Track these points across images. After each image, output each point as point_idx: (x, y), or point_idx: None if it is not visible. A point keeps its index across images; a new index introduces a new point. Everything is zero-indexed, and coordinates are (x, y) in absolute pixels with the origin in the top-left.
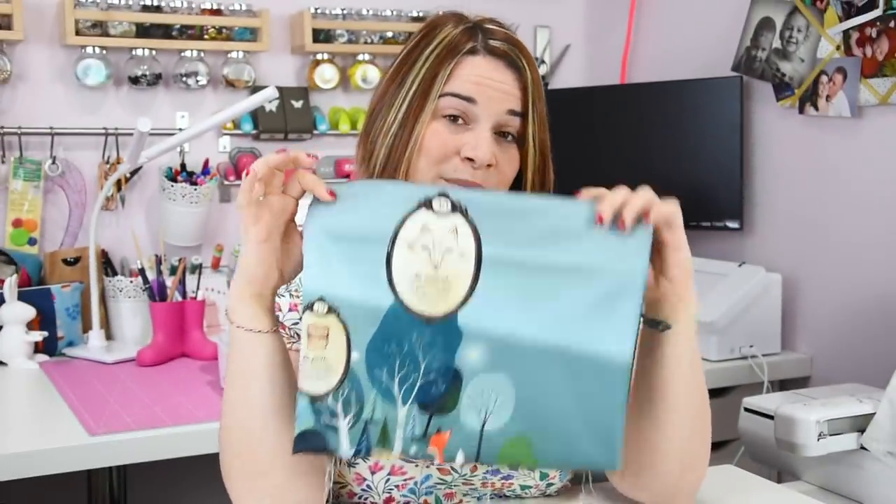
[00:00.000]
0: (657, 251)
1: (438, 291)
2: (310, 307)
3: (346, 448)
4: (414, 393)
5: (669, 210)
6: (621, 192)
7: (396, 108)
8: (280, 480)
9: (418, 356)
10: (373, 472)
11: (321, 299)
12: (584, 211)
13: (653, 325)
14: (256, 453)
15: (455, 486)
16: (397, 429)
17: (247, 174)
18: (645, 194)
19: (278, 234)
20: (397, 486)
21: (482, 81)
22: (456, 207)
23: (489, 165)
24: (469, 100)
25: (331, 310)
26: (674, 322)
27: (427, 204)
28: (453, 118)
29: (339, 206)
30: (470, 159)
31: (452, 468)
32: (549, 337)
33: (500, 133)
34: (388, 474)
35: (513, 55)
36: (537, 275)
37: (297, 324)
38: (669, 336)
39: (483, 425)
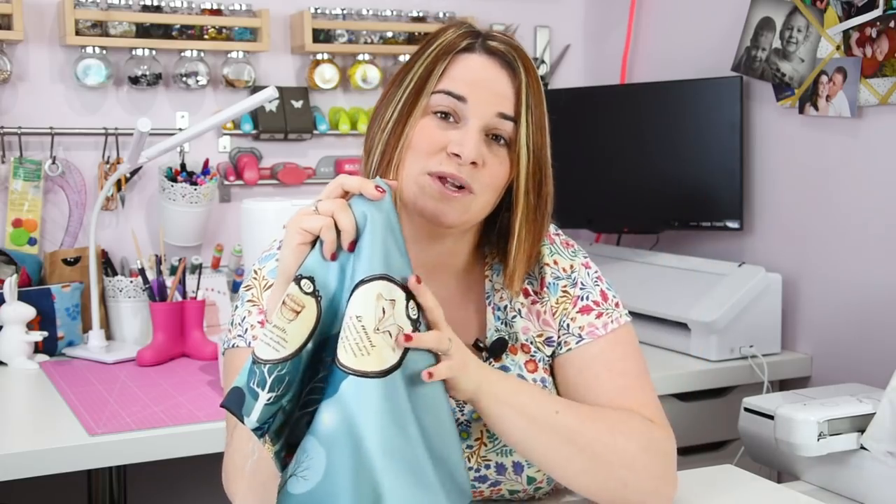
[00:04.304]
0: None
1: (358, 346)
2: (298, 280)
3: (253, 419)
4: (306, 412)
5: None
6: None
7: (393, 105)
8: None
9: (326, 387)
10: None
11: (311, 279)
12: None
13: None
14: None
15: None
16: (286, 430)
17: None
18: None
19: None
20: None
21: (475, 80)
22: (415, 321)
23: (475, 164)
24: (460, 98)
25: (315, 292)
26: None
27: (406, 289)
28: (444, 115)
29: (376, 211)
30: (456, 155)
31: None
32: (384, 470)
33: (491, 136)
34: None
35: (509, 56)
36: (423, 422)
37: None
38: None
39: (288, 478)
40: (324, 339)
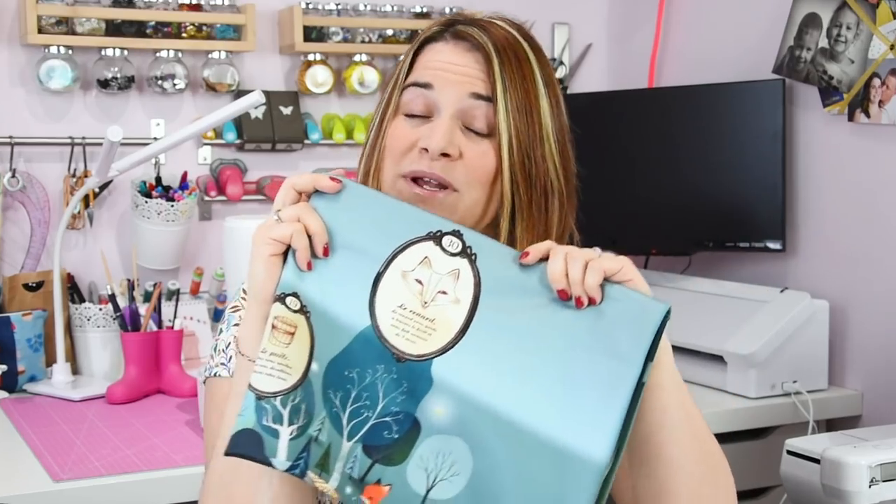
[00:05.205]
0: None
1: (420, 330)
2: (282, 298)
3: (282, 458)
4: (363, 432)
5: (616, 268)
6: (560, 261)
7: (376, 110)
8: None
9: (378, 393)
10: None
11: (296, 295)
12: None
13: None
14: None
15: None
16: (338, 461)
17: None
18: (581, 257)
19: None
20: None
21: (439, 66)
22: (465, 251)
23: (448, 156)
24: (426, 86)
25: (303, 309)
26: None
27: (437, 237)
28: (416, 114)
29: (344, 204)
30: (426, 150)
31: None
32: (524, 415)
33: (469, 127)
34: None
35: (477, 38)
36: (530, 345)
37: None
38: (647, 388)
39: (428, 491)
40: (340, 356)
